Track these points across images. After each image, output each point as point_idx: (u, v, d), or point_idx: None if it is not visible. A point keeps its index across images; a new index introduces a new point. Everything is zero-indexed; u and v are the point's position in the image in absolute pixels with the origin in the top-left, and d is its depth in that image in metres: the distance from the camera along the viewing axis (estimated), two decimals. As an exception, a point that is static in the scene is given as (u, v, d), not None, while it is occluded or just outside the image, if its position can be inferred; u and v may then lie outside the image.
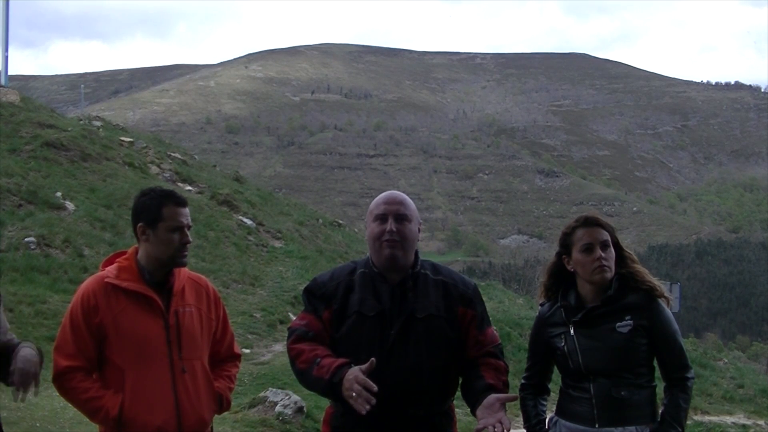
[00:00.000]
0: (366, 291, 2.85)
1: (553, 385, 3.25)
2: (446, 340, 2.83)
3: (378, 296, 2.83)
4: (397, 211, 2.86)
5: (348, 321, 2.83)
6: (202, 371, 3.04)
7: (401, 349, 2.77)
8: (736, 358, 22.72)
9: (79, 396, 2.90)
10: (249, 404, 7.50)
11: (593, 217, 3.15)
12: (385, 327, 2.79)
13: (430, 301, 2.84)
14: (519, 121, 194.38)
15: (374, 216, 2.89)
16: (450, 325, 2.85)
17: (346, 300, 2.86)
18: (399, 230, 2.83)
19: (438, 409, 2.85)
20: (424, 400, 2.80)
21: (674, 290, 17.04)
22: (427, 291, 2.86)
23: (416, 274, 2.89)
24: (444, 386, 2.87)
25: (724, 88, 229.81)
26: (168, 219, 2.96)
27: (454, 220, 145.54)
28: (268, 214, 19.97)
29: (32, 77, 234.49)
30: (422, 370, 2.78)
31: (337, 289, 2.89)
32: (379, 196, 2.96)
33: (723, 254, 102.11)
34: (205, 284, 3.18)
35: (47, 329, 8.86)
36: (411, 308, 2.82)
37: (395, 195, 2.94)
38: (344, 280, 2.91)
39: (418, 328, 2.79)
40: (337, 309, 2.86)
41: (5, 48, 22.71)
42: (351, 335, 2.81)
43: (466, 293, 2.92)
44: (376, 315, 2.81)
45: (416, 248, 2.94)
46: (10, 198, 12.93)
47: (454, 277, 2.98)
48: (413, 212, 2.92)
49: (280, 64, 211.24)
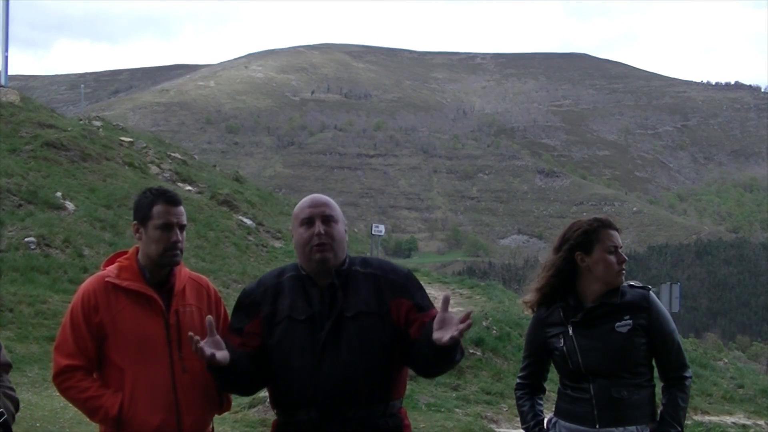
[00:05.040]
0: (296, 295, 2.81)
1: (551, 384, 3.24)
2: (380, 337, 2.76)
3: (308, 299, 2.79)
4: (323, 213, 2.81)
5: (279, 327, 2.79)
6: (202, 371, 2.99)
7: (333, 350, 2.72)
8: (736, 358, 22.72)
9: (78, 395, 2.90)
10: (249, 404, 7.51)
11: (611, 220, 3.16)
12: (315, 330, 2.74)
13: (359, 298, 2.78)
14: (519, 121, 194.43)
15: (300, 220, 2.83)
16: (383, 320, 2.77)
17: (275, 305, 2.81)
18: (327, 232, 2.79)
19: (381, 410, 2.76)
20: (363, 400, 2.73)
21: (674, 290, 17.06)
22: (357, 288, 2.80)
23: (345, 273, 2.83)
24: (384, 385, 2.78)
25: (724, 88, 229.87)
26: (157, 217, 2.95)
27: (454, 220, 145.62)
28: (268, 214, 19.97)
29: (32, 77, 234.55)
30: (356, 369, 2.71)
31: (265, 295, 2.84)
32: (302, 201, 2.91)
33: (723, 254, 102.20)
34: (206, 284, 3.17)
35: (47, 329, 8.87)
36: (340, 308, 2.76)
37: (319, 197, 2.89)
38: (271, 285, 2.86)
39: (348, 328, 2.73)
40: (266, 315, 2.82)
41: (5, 48, 22.72)
42: (283, 341, 2.76)
43: (397, 282, 2.83)
44: (307, 318, 2.76)
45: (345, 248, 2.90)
46: (10, 198, 12.93)
47: (384, 267, 2.89)
48: (339, 213, 2.87)
49: (280, 64, 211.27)
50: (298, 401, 2.76)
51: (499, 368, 11.20)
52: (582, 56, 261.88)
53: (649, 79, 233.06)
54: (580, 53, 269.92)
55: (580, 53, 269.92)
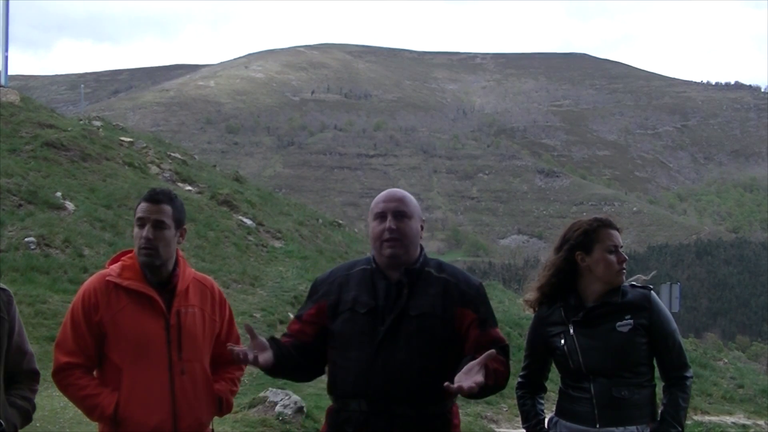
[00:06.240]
0: (361, 288, 2.83)
1: (552, 384, 3.24)
2: (440, 340, 2.75)
3: (374, 293, 2.80)
4: (396, 209, 2.82)
5: (341, 317, 2.82)
6: (202, 373, 3.02)
7: (391, 345, 2.72)
8: (736, 358, 22.71)
9: (76, 393, 2.90)
10: (249, 404, 7.50)
11: (611, 220, 3.16)
12: (376, 323, 2.76)
13: (427, 299, 2.78)
14: (519, 121, 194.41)
15: (374, 215, 2.86)
16: (445, 324, 2.77)
17: (339, 296, 2.85)
18: (398, 228, 2.79)
19: (431, 411, 2.75)
20: (414, 399, 2.72)
21: (674, 290, 17.05)
22: (426, 289, 2.80)
23: (416, 271, 2.83)
24: (437, 387, 2.70)
25: (724, 88, 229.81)
26: (136, 214, 2.98)
27: (454, 220, 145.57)
28: (268, 214, 19.95)
29: (32, 77, 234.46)
30: (411, 368, 2.71)
31: (332, 285, 2.89)
32: (379, 195, 2.93)
33: (723, 254, 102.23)
34: (210, 285, 3.16)
35: (47, 329, 8.86)
36: (404, 305, 2.77)
37: (394, 192, 2.90)
38: (340, 276, 2.90)
39: (410, 326, 2.73)
40: (331, 304, 2.85)
41: (5, 48, 22.69)
42: (343, 331, 2.79)
43: (468, 293, 2.83)
44: (368, 312, 2.78)
45: (420, 245, 2.89)
46: (10, 198, 12.92)
47: (458, 276, 2.88)
48: (414, 209, 2.86)
49: (280, 64, 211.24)
50: (351, 391, 2.77)
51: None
52: (582, 56, 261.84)
53: (649, 79, 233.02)
54: (580, 53, 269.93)
55: (580, 53, 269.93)
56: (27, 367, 2.82)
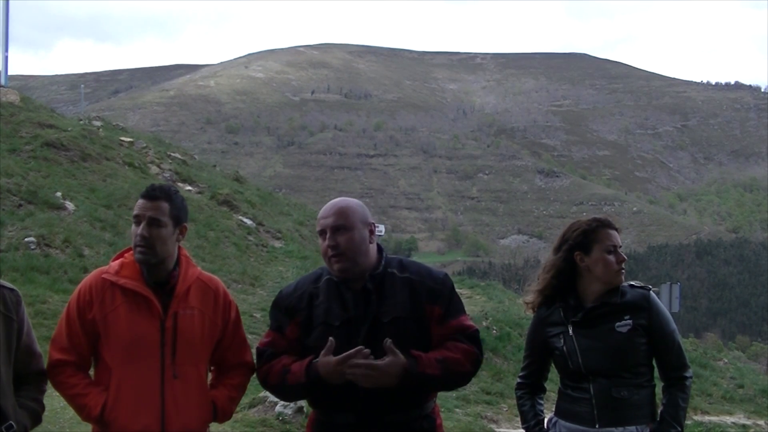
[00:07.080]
0: (331, 299, 2.80)
1: (552, 384, 3.24)
2: (417, 340, 2.74)
3: (344, 304, 2.78)
4: (333, 224, 2.78)
5: (315, 332, 2.78)
6: (197, 378, 2.91)
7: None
8: (736, 358, 22.68)
9: (66, 391, 2.85)
10: (249, 404, 7.49)
11: (610, 220, 3.16)
12: (351, 335, 2.73)
13: (396, 302, 2.76)
14: (519, 121, 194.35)
15: (317, 232, 2.86)
16: (419, 324, 2.77)
17: (310, 310, 2.81)
18: (338, 243, 2.76)
19: (418, 413, 2.77)
20: (401, 405, 2.72)
21: (674, 290, 17.06)
22: (393, 292, 2.78)
23: (380, 276, 2.81)
24: (422, 389, 2.78)
25: (724, 88, 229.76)
26: (133, 211, 2.93)
27: (454, 220, 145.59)
28: (268, 214, 19.97)
29: (32, 77, 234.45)
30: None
31: (301, 300, 2.84)
32: (322, 208, 2.90)
33: (723, 254, 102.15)
34: (216, 286, 3.03)
35: (47, 329, 8.84)
36: (375, 313, 2.75)
37: (332, 206, 2.85)
38: (308, 289, 2.86)
39: (385, 333, 2.70)
40: (302, 320, 2.82)
41: (5, 48, 22.71)
42: (320, 346, 2.73)
43: (434, 288, 2.81)
44: (342, 323, 2.75)
45: (378, 245, 2.87)
46: (10, 198, 12.92)
47: (422, 272, 2.85)
48: (353, 218, 2.80)
49: (280, 64, 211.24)
50: (336, 405, 2.76)
51: (499, 368, 11.21)
52: (582, 56, 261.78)
53: (649, 79, 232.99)
54: (580, 53, 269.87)
55: (580, 53, 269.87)
56: (36, 369, 2.79)
